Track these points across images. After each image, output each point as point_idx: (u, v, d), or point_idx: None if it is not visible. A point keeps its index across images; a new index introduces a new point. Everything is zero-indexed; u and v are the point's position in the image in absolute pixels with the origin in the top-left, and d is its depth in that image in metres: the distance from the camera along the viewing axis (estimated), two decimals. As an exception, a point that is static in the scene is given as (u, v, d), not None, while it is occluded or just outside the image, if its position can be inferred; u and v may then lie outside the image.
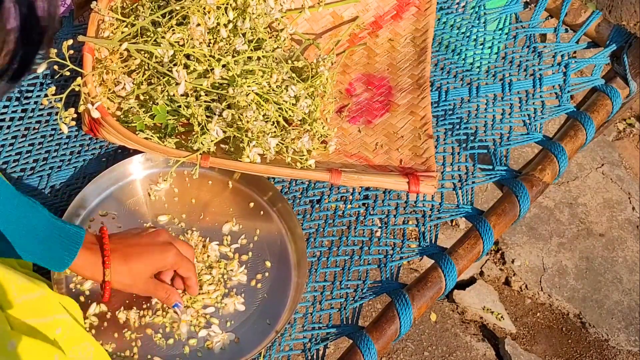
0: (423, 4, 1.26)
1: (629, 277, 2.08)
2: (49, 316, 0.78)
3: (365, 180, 1.00)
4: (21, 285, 0.77)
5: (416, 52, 1.21)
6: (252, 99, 0.95)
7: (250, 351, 0.92)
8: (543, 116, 1.19)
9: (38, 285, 0.80)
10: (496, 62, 1.26)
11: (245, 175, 1.05)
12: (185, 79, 0.96)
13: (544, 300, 2.03)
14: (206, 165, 0.98)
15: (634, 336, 1.97)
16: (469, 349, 1.91)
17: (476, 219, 1.06)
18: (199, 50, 1.00)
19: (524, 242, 2.12)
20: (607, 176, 2.31)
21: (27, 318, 0.76)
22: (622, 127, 2.47)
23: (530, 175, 1.12)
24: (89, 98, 0.99)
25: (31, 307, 0.77)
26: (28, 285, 0.78)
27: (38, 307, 0.78)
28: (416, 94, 1.14)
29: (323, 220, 1.07)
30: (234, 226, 1.05)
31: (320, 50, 1.17)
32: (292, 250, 1.03)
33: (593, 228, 2.18)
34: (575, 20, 1.29)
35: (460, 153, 1.14)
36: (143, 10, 1.05)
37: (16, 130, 1.13)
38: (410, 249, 1.05)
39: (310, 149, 1.02)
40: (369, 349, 0.93)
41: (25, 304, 0.77)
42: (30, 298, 0.77)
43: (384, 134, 1.11)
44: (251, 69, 1.00)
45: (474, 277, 2.07)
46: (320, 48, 1.18)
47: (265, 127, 0.97)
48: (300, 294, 0.97)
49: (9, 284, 0.76)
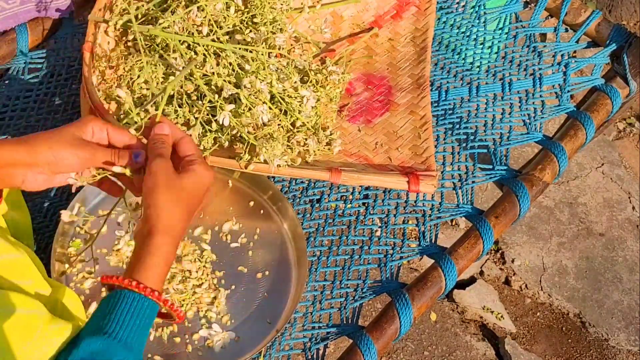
0: (423, 3, 1.26)
1: (629, 276, 2.08)
2: (28, 279, 0.77)
3: (365, 180, 1.00)
4: (2, 245, 0.76)
5: (416, 51, 1.21)
6: (263, 98, 0.94)
7: (250, 350, 0.92)
8: (543, 116, 1.19)
9: (19, 249, 0.79)
10: (496, 62, 1.26)
11: (245, 174, 1.05)
12: (183, 65, 0.95)
13: (544, 299, 2.03)
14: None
15: (633, 336, 1.97)
16: (469, 348, 1.91)
17: (476, 219, 1.07)
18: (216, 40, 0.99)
19: (524, 242, 2.12)
20: (607, 176, 2.31)
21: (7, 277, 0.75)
22: (622, 127, 2.47)
23: (530, 174, 1.12)
24: (89, 99, 0.99)
25: (9, 267, 0.76)
26: (7, 246, 0.77)
27: (16, 269, 0.77)
28: (416, 94, 1.14)
29: (323, 219, 1.07)
30: (234, 225, 1.05)
31: (341, 57, 1.17)
32: (292, 249, 1.03)
33: (593, 228, 2.18)
34: (575, 20, 1.29)
35: (460, 152, 1.14)
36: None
37: (17, 129, 1.13)
38: (410, 249, 1.05)
39: (316, 151, 1.02)
40: (369, 349, 0.93)
41: (6, 263, 0.76)
42: (9, 258, 0.76)
43: (383, 134, 1.11)
44: (265, 67, 0.98)
45: (474, 277, 2.07)
46: (318, 48, 1.18)
47: (271, 129, 0.96)
48: (300, 293, 0.97)
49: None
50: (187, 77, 0.96)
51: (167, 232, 0.72)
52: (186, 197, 0.75)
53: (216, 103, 0.93)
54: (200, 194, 0.77)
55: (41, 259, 0.85)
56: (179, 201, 0.74)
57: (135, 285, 0.69)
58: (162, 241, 0.72)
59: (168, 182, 0.74)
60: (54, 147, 0.75)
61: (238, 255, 1.02)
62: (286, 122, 0.98)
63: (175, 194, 0.74)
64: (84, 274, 0.97)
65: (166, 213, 0.73)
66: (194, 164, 0.78)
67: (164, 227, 0.72)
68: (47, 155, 0.75)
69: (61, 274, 0.93)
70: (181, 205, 0.75)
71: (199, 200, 0.78)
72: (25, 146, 0.74)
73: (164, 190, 0.74)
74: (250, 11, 1.03)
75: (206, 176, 0.78)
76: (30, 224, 0.95)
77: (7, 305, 0.70)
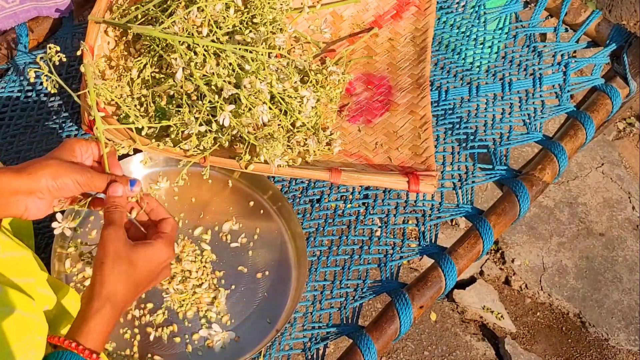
0: (423, 3, 1.26)
1: (628, 276, 2.08)
2: (30, 277, 0.77)
3: (365, 180, 1.00)
4: (6, 242, 0.77)
5: (416, 51, 1.21)
6: (263, 99, 0.94)
7: (250, 350, 0.92)
8: (543, 115, 1.19)
9: (22, 247, 0.80)
10: (496, 62, 1.26)
11: (245, 174, 1.05)
12: (182, 65, 0.95)
13: (544, 299, 2.03)
14: (205, 164, 0.98)
15: (633, 335, 1.97)
16: (468, 348, 1.91)
17: (476, 219, 1.07)
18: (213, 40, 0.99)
19: (524, 242, 2.12)
20: (607, 175, 2.31)
21: (9, 274, 0.76)
22: (622, 127, 2.47)
23: (530, 174, 1.12)
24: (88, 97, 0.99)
25: (13, 265, 0.77)
26: (11, 244, 0.78)
27: (20, 266, 0.78)
28: (416, 94, 1.14)
29: (323, 219, 1.07)
30: (234, 225, 1.05)
31: (341, 57, 1.17)
32: (292, 249, 1.03)
33: (593, 227, 2.18)
34: (575, 20, 1.29)
35: (460, 152, 1.14)
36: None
37: (16, 129, 1.13)
38: (410, 249, 1.05)
39: (316, 151, 1.02)
40: (369, 349, 0.93)
41: (9, 260, 0.76)
42: (13, 255, 0.77)
43: (383, 134, 1.11)
44: (265, 67, 0.98)
45: (474, 277, 2.07)
46: (318, 48, 1.18)
47: (271, 129, 0.96)
48: (300, 293, 0.97)
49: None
50: (187, 77, 0.96)
51: (109, 298, 0.75)
52: (135, 272, 0.78)
53: (216, 103, 0.93)
54: (152, 269, 0.80)
55: (41, 259, 0.85)
56: (126, 275, 0.77)
57: (74, 347, 0.71)
58: (102, 306, 0.74)
59: (116, 254, 0.77)
60: (57, 175, 0.77)
61: (238, 255, 1.02)
62: (286, 122, 0.98)
63: (123, 267, 0.77)
64: (84, 274, 0.97)
65: (111, 282, 0.76)
66: (157, 240, 0.81)
67: (107, 294, 0.75)
68: (49, 182, 0.77)
69: (61, 274, 0.93)
70: (128, 279, 0.77)
71: (152, 275, 0.80)
72: (26, 174, 0.76)
73: (111, 262, 0.76)
74: (250, 11, 1.03)
75: (164, 253, 0.81)
76: (31, 224, 0.95)
77: (6, 303, 0.71)
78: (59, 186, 0.78)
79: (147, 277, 0.79)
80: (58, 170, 0.78)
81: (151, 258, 0.79)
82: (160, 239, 0.81)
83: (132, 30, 0.99)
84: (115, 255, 0.76)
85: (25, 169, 0.77)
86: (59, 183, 0.77)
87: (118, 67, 1.06)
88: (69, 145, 0.82)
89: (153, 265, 0.80)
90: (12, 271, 0.76)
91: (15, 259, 0.77)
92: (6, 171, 0.76)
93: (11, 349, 0.69)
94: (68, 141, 0.82)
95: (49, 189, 0.77)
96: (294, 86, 0.99)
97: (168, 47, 0.99)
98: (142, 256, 0.78)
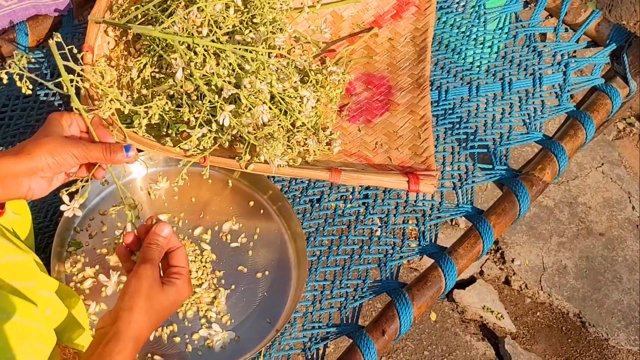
0: (423, 3, 1.26)
1: (628, 276, 2.08)
2: (30, 281, 0.77)
3: (365, 179, 1.00)
4: (6, 247, 0.77)
5: (416, 51, 1.21)
6: (263, 99, 0.94)
7: (250, 350, 0.92)
8: (543, 115, 1.19)
9: (22, 250, 0.80)
10: (496, 62, 1.26)
11: (245, 174, 1.05)
12: (182, 65, 0.95)
13: (544, 299, 2.03)
14: (205, 164, 0.98)
15: (633, 335, 1.97)
16: (468, 348, 1.91)
17: (476, 219, 1.07)
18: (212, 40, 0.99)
19: (523, 242, 2.12)
20: (607, 175, 2.31)
21: (9, 279, 0.76)
22: (622, 127, 2.47)
23: (530, 174, 1.12)
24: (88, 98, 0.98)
25: (13, 269, 0.77)
26: (11, 247, 0.78)
27: (20, 270, 0.77)
28: (416, 93, 1.14)
29: (323, 219, 1.07)
30: (234, 225, 1.05)
31: (341, 57, 1.17)
32: (292, 249, 1.03)
33: (593, 227, 2.18)
34: (575, 20, 1.29)
35: (460, 152, 1.14)
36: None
37: (16, 129, 1.13)
38: (410, 248, 1.05)
39: (316, 151, 1.02)
40: (368, 349, 0.93)
41: (9, 265, 0.76)
42: (13, 259, 0.77)
43: (383, 133, 1.11)
44: (265, 67, 0.98)
45: (473, 277, 2.07)
46: (318, 48, 1.18)
47: (271, 129, 0.96)
48: (300, 293, 0.97)
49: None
50: (187, 77, 0.96)
51: (133, 340, 0.75)
52: (161, 309, 0.79)
53: (216, 103, 0.93)
54: (174, 307, 0.81)
55: (41, 259, 0.85)
56: (153, 312, 0.78)
57: None
58: (125, 347, 0.74)
59: (150, 291, 0.77)
60: (54, 151, 0.78)
61: (238, 255, 1.02)
62: (286, 122, 0.98)
63: (153, 305, 0.77)
64: (84, 273, 0.97)
65: (139, 323, 0.76)
66: (180, 278, 0.81)
67: (132, 336, 0.75)
68: (48, 160, 0.78)
69: (61, 274, 0.93)
70: (154, 316, 0.78)
71: (171, 312, 0.82)
72: (25, 155, 0.77)
73: (144, 298, 0.77)
74: (250, 11, 1.03)
75: (185, 292, 0.82)
76: (31, 224, 0.95)
77: (4, 309, 0.70)
78: (59, 162, 0.78)
79: (168, 315, 0.81)
80: (55, 146, 0.78)
81: (176, 299, 0.81)
82: (182, 276, 0.82)
83: (132, 30, 0.99)
84: (148, 296, 0.77)
85: (23, 150, 0.77)
86: (58, 159, 0.78)
87: (118, 67, 1.06)
88: (55, 121, 0.82)
89: (177, 305, 0.81)
90: (12, 276, 0.76)
91: (15, 263, 0.77)
92: (5, 155, 0.77)
93: (8, 355, 0.69)
94: (53, 116, 0.83)
95: (49, 166, 0.78)
96: (294, 86, 0.99)
97: (168, 47, 0.99)
98: (170, 296, 0.80)
